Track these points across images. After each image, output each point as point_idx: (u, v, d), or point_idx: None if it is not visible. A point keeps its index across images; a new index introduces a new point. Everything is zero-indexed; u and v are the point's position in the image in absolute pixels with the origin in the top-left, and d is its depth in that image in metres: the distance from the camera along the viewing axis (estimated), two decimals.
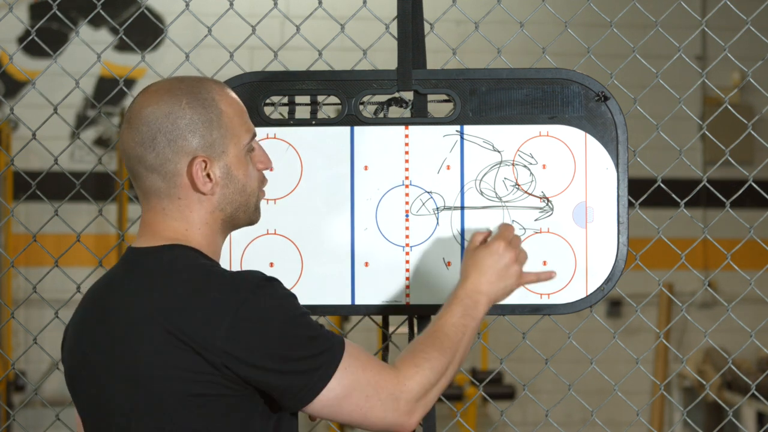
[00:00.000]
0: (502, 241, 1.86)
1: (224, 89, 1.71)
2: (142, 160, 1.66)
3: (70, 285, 2.40)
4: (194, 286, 1.60)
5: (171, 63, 3.62)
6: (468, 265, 1.86)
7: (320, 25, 2.74)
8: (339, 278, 2.09)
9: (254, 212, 1.75)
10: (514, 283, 1.86)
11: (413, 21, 2.12)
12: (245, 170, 1.71)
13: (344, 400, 1.61)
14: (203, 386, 1.57)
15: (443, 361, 1.71)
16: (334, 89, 2.11)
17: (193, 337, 1.56)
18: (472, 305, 1.81)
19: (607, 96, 2.10)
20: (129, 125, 1.67)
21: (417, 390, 1.66)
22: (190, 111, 1.66)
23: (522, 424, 6.26)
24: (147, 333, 1.59)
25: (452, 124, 2.10)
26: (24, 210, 5.91)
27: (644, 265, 2.51)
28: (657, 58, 3.06)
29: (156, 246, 1.67)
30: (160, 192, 1.68)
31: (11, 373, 5.28)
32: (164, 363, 1.57)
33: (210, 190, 1.67)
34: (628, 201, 2.11)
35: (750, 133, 2.52)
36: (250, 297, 1.58)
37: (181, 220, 1.68)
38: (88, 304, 1.71)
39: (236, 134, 1.69)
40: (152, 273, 1.64)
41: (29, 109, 3.36)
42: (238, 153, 1.70)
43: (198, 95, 1.67)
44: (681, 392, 6.36)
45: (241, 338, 1.56)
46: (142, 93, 1.70)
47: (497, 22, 3.36)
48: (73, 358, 1.70)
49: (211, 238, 1.70)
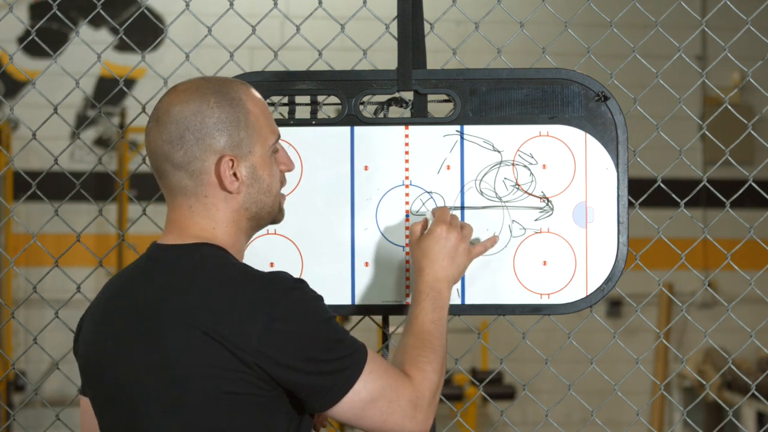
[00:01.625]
0: (442, 224, 1.92)
1: (250, 89, 1.73)
2: (169, 158, 1.68)
3: (70, 285, 2.40)
4: (227, 285, 1.61)
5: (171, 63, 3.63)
6: (418, 257, 1.91)
7: (320, 25, 2.74)
8: (339, 278, 2.09)
9: (278, 212, 1.78)
10: (465, 260, 1.93)
11: (413, 21, 2.12)
12: (270, 171, 1.73)
13: (369, 404, 1.64)
14: (234, 384, 1.58)
15: (439, 360, 1.75)
16: (334, 89, 2.11)
17: (226, 336, 1.57)
18: (437, 295, 1.86)
19: (607, 96, 2.10)
20: (157, 123, 1.69)
21: (428, 395, 1.69)
22: (218, 110, 1.68)
23: (522, 424, 6.26)
24: (179, 330, 1.59)
25: (452, 124, 2.10)
26: (24, 210, 5.91)
27: (644, 265, 2.51)
28: (657, 58, 3.06)
29: (185, 244, 1.69)
30: (186, 190, 1.69)
31: (11, 373, 5.28)
32: (196, 360, 1.58)
33: (236, 189, 1.69)
34: (628, 201, 2.11)
35: (750, 133, 2.52)
36: (283, 298, 1.60)
37: (207, 218, 1.70)
38: (111, 297, 1.71)
39: (262, 134, 1.71)
40: (184, 271, 1.65)
41: (29, 109, 3.36)
42: (264, 153, 1.72)
43: (226, 94, 1.69)
44: (681, 392, 6.36)
45: (274, 338, 1.58)
46: (170, 91, 1.71)
47: (497, 22, 3.36)
48: (92, 351, 1.70)
49: (236, 237, 1.72)
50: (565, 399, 2.52)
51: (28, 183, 2.41)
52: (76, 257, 4.07)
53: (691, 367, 6.02)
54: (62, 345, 3.96)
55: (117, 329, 1.66)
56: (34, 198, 2.84)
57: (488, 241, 2.01)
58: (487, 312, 2.10)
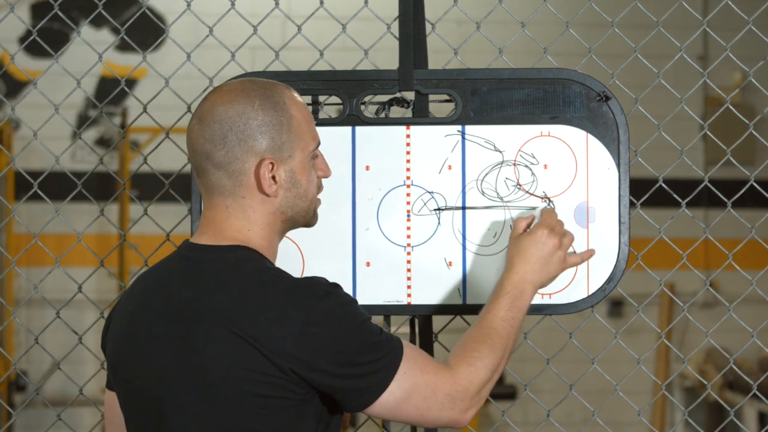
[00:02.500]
0: (545, 228, 1.91)
1: (294, 94, 1.75)
2: (210, 157, 1.69)
3: (72, 285, 2.40)
4: (263, 289, 1.62)
5: (172, 63, 3.62)
6: (513, 254, 1.90)
7: (322, 25, 2.75)
8: (340, 278, 2.09)
9: (313, 216, 1.79)
10: (558, 269, 1.92)
11: (415, 21, 2.12)
12: (308, 176, 1.74)
13: (403, 402, 1.65)
14: (267, 388, 1.59)
15: (494, 359, 1.75)
16: (335, 89, 2.11)
17: (261, 340, 1.58)
18: (519, 295, 1.85)
19: (608, 96, 2.10)
20: (200, 122, 1.70)
21: (472, 389, 1.70)
22: (263, 113, 1.69)
23: (523, 424, 6.26)
24: (214, 332, 1.60)
25: (454, 124, 2.10)
26: (25, 210, 5.91)
27: (646, 265, 2.51)
28: (658, 58, 3.06)
29: (220, 245, 1.69)
30: (224, 189, 1.70)
31: (13, 373, 5.28)
32: (230, 363, 1.59)
33: (274, 192, 1.70)
34: (630, 201, 2.11)
35: (751, 133, 2.52)
36: (318, 303, 1.61)
37: (243, 219, 1.71)
38: (144, 294, 1.71)
39: (304, 140, 1.73)
40: (219, 272, 1.66)
41: (30, 109, 3.36)
42: (304, 159, 1.73)
43: (271, 98, 1.70)
44: (682, 392, 6.36)
45: (309, 343, 1.59)
46: (215, 91, 1.72)
47: (498, 22, 3.36)
48: (123, 348, 1.71)
49: (270, 240, 1.73)
50: (567, 399, 2.52)
51: (30, 183, 2.41)
52: (78, 257, 4.07)
53: (693, 367, 6.02)
54: (64, 345, 3.96)
55: (149, 328, 1.67)
56: (36, 198, 2.84)
57: (585, 253, 2.00)
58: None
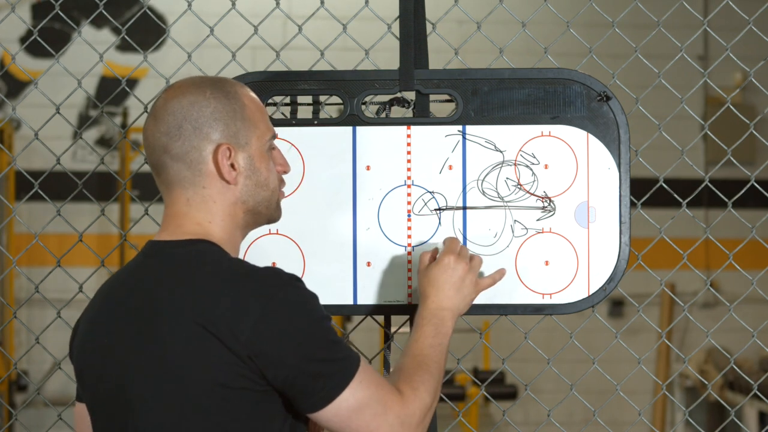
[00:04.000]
0: (451, 254, 1.91)
1: (245, 87, 1.77)
2: (167, 150, 1.69)
3: (73, 285, 2.40)
4: (222, 279, 1.62)
5: (173, 63, 3.63)
6: (424, 285, 1.90)
7: (322, 25, 2.75)
8: (341, 278, 2.09)
9: (275, 210, 1.79)
10: (472, 292, 1.92)
11: (415, 21, 2.12)
12: (267, 165, 1.75)
13: (354, 414, 1.62)
14: (228, 377, 1.58)
15: (434, 383, 1.74)
16: (336, 89, 2.11)
17: (222, 329, 1.58)
18: (440, 323, 1.85)
19: (609, 96, 2.10)
20: (154, 118, 1.71)
21: (418, 414, 1.67)
22: (215, 101, 1.71)
23: (524, 424, 6.26)
24: (175, 325, 1.60)
25: (454, 124, 2.10)
26: (26, 210, 5.91)
27: (646, 265, 2.51)
28: (659, 58, 3.06)
29: (180, 240, 1.69)
30: (184, 181, 1.70)
31: (13, 372, 5.28)
32: (192, 354, 1.58)
33: (234, 179, 1.71)
34: (630, 201, 2.11)
35: (752, 133, 2.52)
36: (278, 292, 1.60)
37: (204, 211, 1.71)
38: (106, 297, 1.71)
39: (259, 129, 1.74)
40: (179, 266, 1.66)
41: (31, 108, 3.36)
42: (261, 147, 1.74)
43: (222, 88, 1.72)
44: (683, 392, 6.36)
45: (267, 331, 1.58)
46: (167, 89, 1.74)
47: (499, 22, 3.36)
48: (87, 352, 1.71)
49: (232, 233, 1.73)
50: (567, 399, 2.52)
51: (31, 183, 2.41)
52: (79, 257, 4.07)
53: (693, 367, 6.02)
54: (64, 345, 3.96)
55: (113, 328, 1.67)
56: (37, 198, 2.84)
57: (496, 274, 2.01)
58: (488, 312, 2.10)
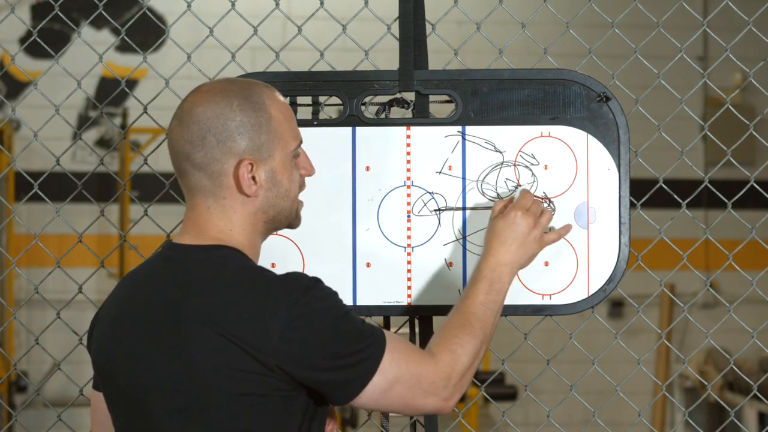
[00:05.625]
0: (519, 209, 1.91)
1: (275, 94, 1.74)
2: (189, 158, 1.69)
3: (72, 285, 2.40)
4: (245, 287, 1.62)
5: (173, 64, 3.62)
6: (489, 237, 1.91)
7: (322, 26, 2.75)
8: (340, 279, 2.09)
9: (296, 218, 1.79)
10: (536, 248, 1.91)
11: (415, 21, 2.12)
12: (289, 175, 1.74)
13: (388, 392, 1.65)
14: (253, 386, 1.59)
15: (475, 344, 1.76)
16: (335, 90, 2.11)
17: (246, 339, 1.58)
18: (497, 279, 1.85)
19: (608, 96, 2.10)
20: (179, 123, 1.70)
21: (454, 376, 1.70)
22: (241, 113, 1.68)
23: (523, 424, 6.26)
24: (197, 332, 1.60)
25: (454, 124, 2.10)
26: (26, 210, 5.92)
27: (646, 266, 2.51)
28: (658, 58, 3.06)
29: (202, 245, 1.69)
30: (205, 190, 1.70)
31: (13, 373, 5.28)
32: (215, 362, 1.59)
33: (254, 192, 1.70)
34: (630, 201, 2.11)
35: (752, 133, 2.52)
36: (301, 298, 1.61)
37: (224, 219, 1.71)
38: (127, 296, 1.71)
39: (284, 139, 1.72)
40: (202, 272, 1.65)
41: (31, 109, 3.36)
42: (284, 158, 1.72)
43: (250, 98, 1.70)
44: (683, 393, 6.36)
45: (294, 338, 1.59)
46: (194, 92, 1.72)
47: (499, 23, 3.36)
48: (108, 350, 1.70)
49: (252, 240, 1.73)
50: (567, 400, 2.52)
51: (30, 184, 2.41)
52: (78, 258, 4.07)
53: (693, 368, 6.02)
54: (64, 345, 3.96)
55: (134, 329, 1.66)
56: (36, 199, 2.84)
57: (562, 229, 2.00)
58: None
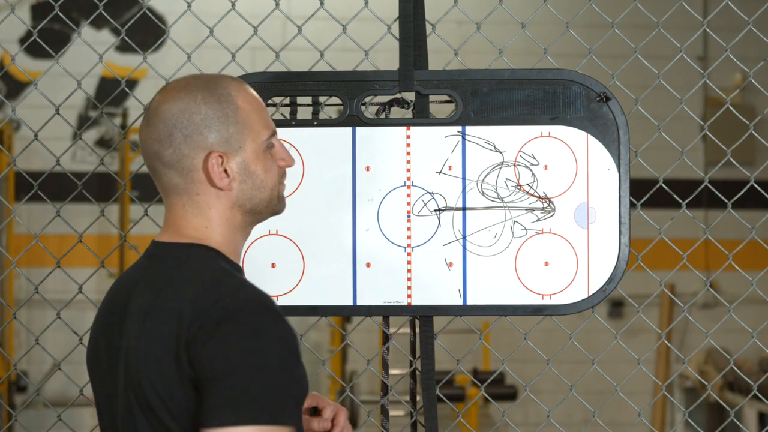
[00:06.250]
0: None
1: (242, 85, 1.71)
2: (160, 157, 1.67)
3: (72, 285, 2.40)
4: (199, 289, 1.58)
5: (173, 64, 3.62)
6: None
7: (322, 26, 2.75)
8: (340, 279, 2.09)
9: (278, 203, 1.74)
10: None
11: (415, 21, 2.12)
12: (264, 165, 1.70)
13: None
14: (184, 387, 1.54)
15: None
16: (335, 90, 2.11)
17: (183, 339, 1.54)
18: None
19: (608, 96, 2.10)
20: (147, 123, 1.69)
21: None
22: (206, 106, 1.66)
23: (523, 424, 6.26)
24: (150, 330, 1.59)
25: (454, 124, 2.11)
26: (26, 210, 5.91)
27: (646, 266, 2.51)
28: (658, 58, 3.06)
29: (177, 243, 1.68)
30: (178, 188, 1.68)
31: (13, 373, 5.28)
32: (155, 363, 1.55)
33: (227, 185, 1.67)
34: (630, 201, 2.11)
35: (752, 133, 2.52)
36: (240, 315, 1.53)
37: (200, 216, 1.68)
38: (112, 295, 1.71)
39: (254, 130, 1.68)
40: (167, 271, 1.64)
41: (31, 109, 3.36)
42: (256, 149, 1.68)
43: (214, 91, 1.68)
44: (683, 393, 6.36)
45: (216, 351, 1.51)
46: (160, 91, 1.71)
47: (499, 23, 3.36)
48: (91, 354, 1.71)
49: (231, 236, 1.70)
50: (567, 399, 2.52)
51: (30, 184, 2.41)
52: (78, 258, 4.07)
53: (693, 368, 6.02)
54: (64, 345, 3.96)
55: (106, 327, 1.67)
56: (36, 199, 2.85)
57: None
58: (488, 312, 2.10)
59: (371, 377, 6.28)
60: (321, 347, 6.20)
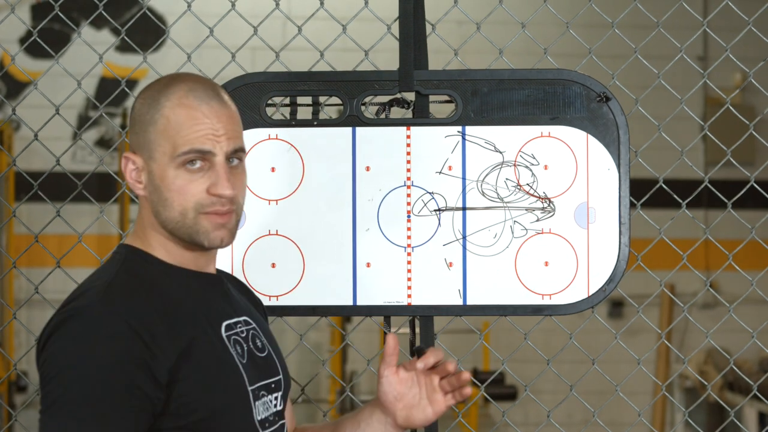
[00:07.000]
0: None
1: (190, 96, 1.58)
2: None
3: (72, 285, 2.39)
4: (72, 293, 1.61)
5: (173, 64, 3.61)
6: None
7: (322, 26, 2.74)
8: (341, 279, 2.09)
9: (196, 234, 1.58)
10: None
11: (415, 21, 2.12)
12: (169, 183, 1.56)
13: None
14: None
15: None
16: (335, 90, 2.11)
17: None
18: None
19: (608, 96, 2.10)
20: None
21: None
22: (141, 107, 1.61)
23: (523, 424, 6.26)
24: None
25: (454, 124, 2.10)
26: (26, 210, 5.91)
27: (646, 266, 2.51)
28: (658, 58, 3.06)
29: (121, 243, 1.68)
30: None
31: (13, 373, 5.28)
32: None
33: (140, 190, 1.61)
34: (630, 201, 2.11)
35: (751, 133, 2.52)
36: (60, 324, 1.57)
37: (138, 218, 1.65)
38: None
39: (170, 142, 1.56)
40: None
41: (31, 109, 3.36)
42: (166, 163, 1.57)
43: (158, 93, 1.59)
44: (683, 393, 6.36)
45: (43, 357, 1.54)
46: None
47: (499, 23, 3.36)
48: None
49: (166, 244, 1.61)
50: (567, 399, 2.52)
51: (30, 184, 2.41)
52: (78, 258, 4.07)
53: (693, 368, 6.02)
54: None
55: None
56: (36, 198, 2.84)
57: None
58: (488, 312, 2.10)
59: (371, 377, 6.28)
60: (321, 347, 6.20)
